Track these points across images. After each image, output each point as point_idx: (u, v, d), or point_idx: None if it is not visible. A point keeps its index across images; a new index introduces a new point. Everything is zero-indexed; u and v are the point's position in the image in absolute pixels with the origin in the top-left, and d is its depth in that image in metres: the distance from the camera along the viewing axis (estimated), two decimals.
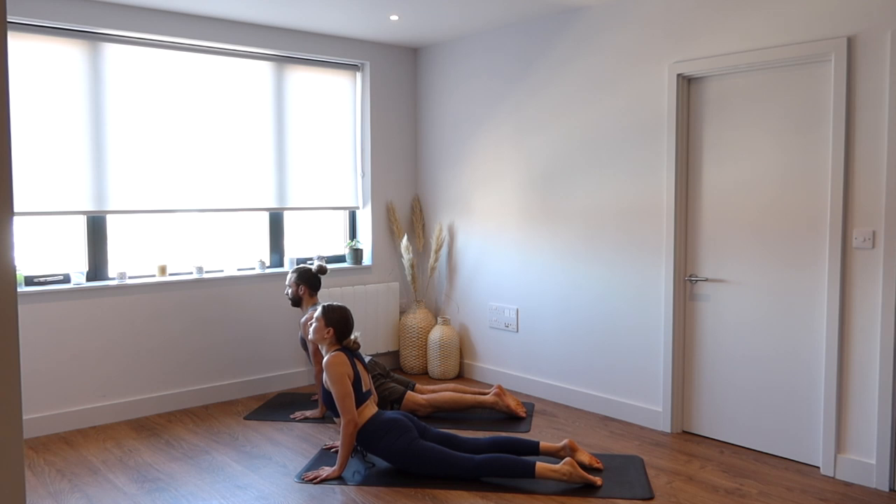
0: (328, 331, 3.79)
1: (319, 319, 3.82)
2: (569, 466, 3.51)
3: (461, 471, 3.56)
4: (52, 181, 4.39)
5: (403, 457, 3.61)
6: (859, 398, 3.58)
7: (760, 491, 3.51)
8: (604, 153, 4.62)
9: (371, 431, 3.67)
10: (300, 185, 5.45)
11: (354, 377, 3.72)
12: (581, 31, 4.71)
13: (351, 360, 3.75)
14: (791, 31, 3.74)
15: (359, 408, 3.70)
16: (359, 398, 3.71)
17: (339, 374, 3.66)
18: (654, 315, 4.42)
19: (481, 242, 5.51)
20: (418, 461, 3.60)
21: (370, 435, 3.67)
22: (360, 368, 3.80)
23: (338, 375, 3.66)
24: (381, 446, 3.65)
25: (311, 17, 4.87)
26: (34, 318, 4.30)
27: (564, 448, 3.73)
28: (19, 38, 4.25)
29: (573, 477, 3.50)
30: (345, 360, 3.72)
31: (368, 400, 3.77)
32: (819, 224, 3.72)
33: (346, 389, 3.65)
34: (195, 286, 4.91)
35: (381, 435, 3.65)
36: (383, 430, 3.65)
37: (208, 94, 4.97)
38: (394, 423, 3.67)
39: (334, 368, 3.68)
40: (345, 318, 3.83)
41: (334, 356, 3.72)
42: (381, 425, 3.67)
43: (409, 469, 3.64)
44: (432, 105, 5.86)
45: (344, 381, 3.66)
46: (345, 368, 3.69)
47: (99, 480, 3.66)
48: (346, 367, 3.70)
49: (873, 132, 3.48)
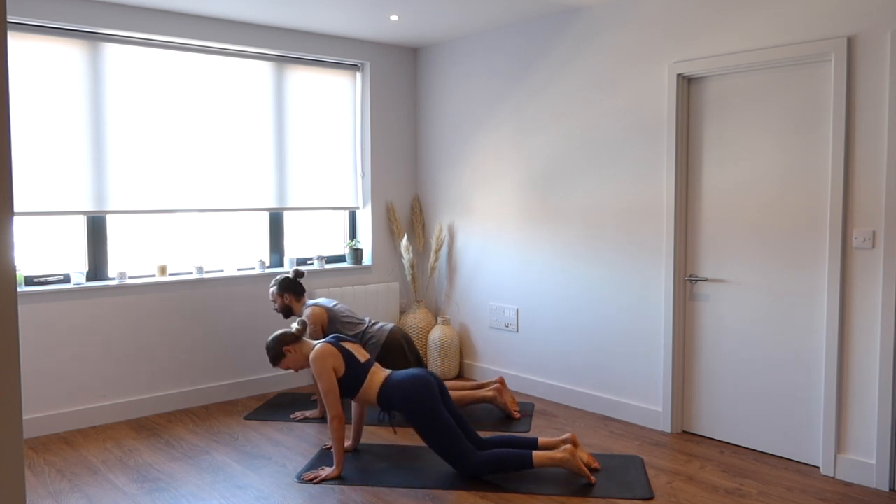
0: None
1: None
2: (567, 453, 3.53)
3: (465, 462, 3.55)
4: (52, 181, 4.39)
5: (422, 419, 3.56)
6: (859, 398, 3.58)
7: (760, 491, 3.51)
8: (604, 153, 4.62)
9: (391, 392, 3.65)
10: (300, 185, 5.45)
11: (346, 362, 3.71)
12: (581, 31, 4.71)
13: (338, 347, 3.75)
14: (791, 31, 3.74)
15: (363, 385, 3.68)
16: (359, 375, 3.69)
17: (322, 368, 3.66)
18: (654, 315, 4.42)
19: (481, 242, 5.51)
20: (433, 432, 3.56)
21: (391, 394, 3.65)
22: (349, 347, 3.80)
23: (321, 369, 3.66)
24: (404, 404, 3.60)
25: (311, 17, 4.87)
26: (34, 318, 4.30)
27: (565, 441, 3.73)
28: (19, 38, 4.25)
29: (570, 464, 3.51)
30: (330, 352, 3.71)
31: (371, 368, 3.76)
32: (819, 224, 3.72)
33: (330, 385, 3.65)
34: (195, 286, 4.91)
35: (404, 392, 3.61)
36: (406, 387, 3.62)
37: (208, 94, 4.97)
38: (416, 380, 3.64)
39: (319, 363, 3.68)
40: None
41: (319, 349, 3.72)
42: (403, 382, 3.65)
43: (420, 432, 3.59)
44: (432, 105, 5.86)
45: (328, 376, 3.65)
46: (329, 361, 3.68)
47: (99, 480, 3.66)
48: (330, 359, 3.69)
49: (873, 132, 3.48)
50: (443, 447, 3.57)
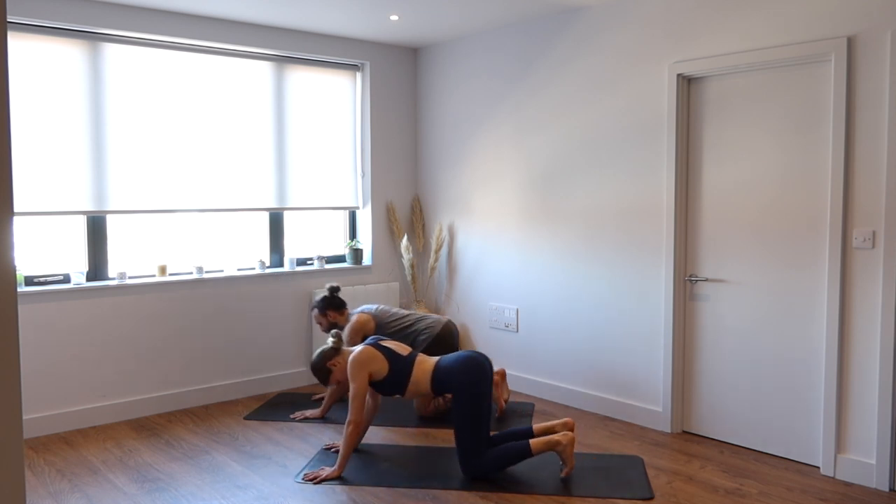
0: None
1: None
2: (564, 438, 3.56)
3: (475, 461, 3.55)
4: (52, 181, 4.39)
5: (468, 401, 3.54)
6: (859, 398, 3.58)
7: (760, 491, 3.51)
8: (604, 153, 4.62)
9: (444, 374, 3.63)
10: (300, 185, 5.45)
11: (389, 361, 3.68)
12: (581, 31, 4.71)
13: (378, 348, 3.72)
14: (791, 31, 3.74)
15: (410, 377, 3.66)
16: (404, 369, 3.67)
17: (356, 371, 3.66)
18: (654, 315, 4.42)
19: (481, 242, 5.51)
20: (468, 417, 3.54)
21: (444, 376, 3.63)
22: (389, 345, 3.77)
23: (355, 372, 3.66)
24: (457, 382, 3.57)
25: (311, 17, 4.87)
26: (34, 318, 4.30)
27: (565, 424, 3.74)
28: (19, 38, 4.25)
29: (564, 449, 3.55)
30: (369, 356, 3.68)
31: (416, 359, 3.73)
32: (819, 224, 3.72)
33: (360, 389, 3.63)
34: (195, 286, 4.91)
35: (459, 371, 3.59)
36: (461, 368, 3.60)
37: (208, 94, 4.97)
38: (471, 361, 3.62)
39: (354, 365, 3.67)
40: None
41: (358, 352, 3.71)
42: (458, 362, 3.63)
43: (458, 413, 3.56)
44: (432, 105, 5.86)
45: (360, 380, 3.64)
46: (366, 366, 3.65)
47: (99, 480, 3.66)
48: (368, 363, 3.66)
49: (873, 132, 3.48)
50: (466, 437, 3.56)
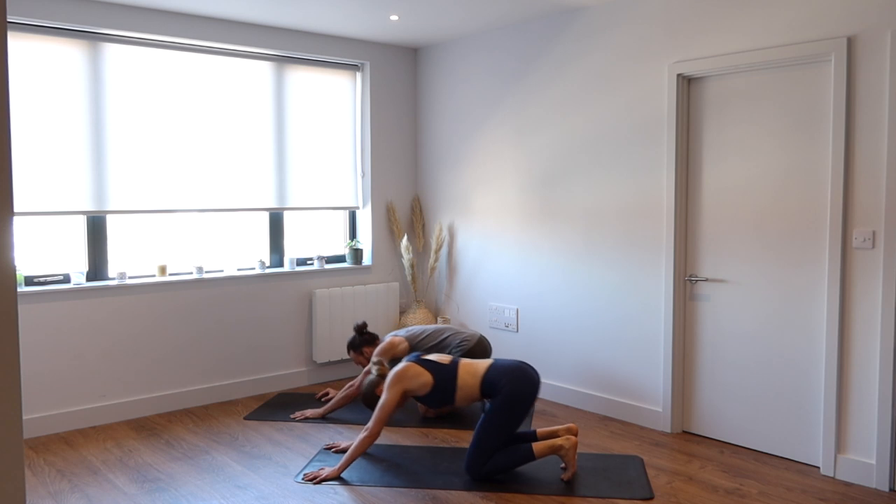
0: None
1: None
2: (567, 441, 3.56)
3: (484, 464, 3.55)
4: (52, 181, 4.39)
5: (508, 408, 3.53)
6: (859, 398, 3.58)
7: (760, 491, 3.51)
8: (604, 153, 4.62)
9: (497, 376, 3.61)
10: (300, 185, 5.45)
11: (433, 372, 3.65)
12: (581, 31, 4.71)
13: (420, 362, 3.70)
14: (791, 31, 3.74)
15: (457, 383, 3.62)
16: (450, 377, 3.64)
17: (391, 385, 3.64)
18: (654, 315, 4.42)
19: (481, 242, 5.51)
20: (500, 423, 3.54)
21: (496, 379, 3.61)
22: (431, 357, 3.75)
23: (392, 384, 3.64)
24: (507, 387, 3.55)
25: (311, 17, 4.87)
26: (34, 318, 4.30)
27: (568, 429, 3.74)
28: (19, 38, 4.25)
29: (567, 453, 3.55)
30: (411, 372, 3.65)
31: (459, 365, 3.70)
32: (819, 224, 3.72)
33: (390, 403, 3.62)
34: (195, 286, 4.91)
35: (512, 377, 3.58)
36: (516, 374, 3.60)
37: (208, 94, 4.97)
38: (526, 372, 3.62)
39: (395, 377, 3.65)
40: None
41: (400, 367, 3.69)
42: (513, 368, 3.62)
43: (492, 415, 3.55)
44: (432, 105, 5.86)
45: (394, 394, 3.62)
46: (403, 383, 3.63)
47: (99, 480, 3.66)
48: (407, 381, 3.64)
49: (873, 132, 3.48)
50: (491, 438, 3.55)
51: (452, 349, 4.57)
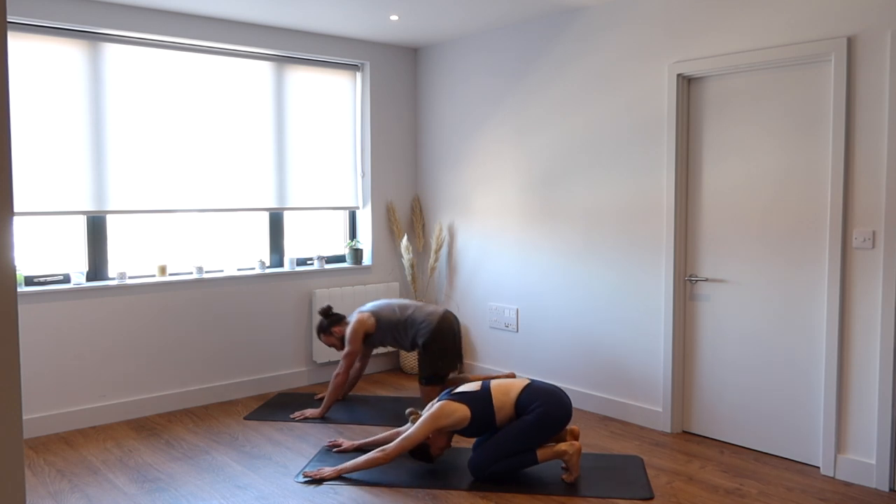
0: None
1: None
2: (570, 447, 3.56)
3: (490, 466, 3.55)
4: (52, 181, 4.39)
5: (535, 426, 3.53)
6: (859, 398, 3.58)
7: (760, 491, 3.51)
8: (604, 153, 4.62)
9: (532, 397, 3.59)
10: (300, 185, 5.45)
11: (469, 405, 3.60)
12: (581, 31, 4.71)
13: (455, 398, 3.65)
14: (791, 31, 3.74)
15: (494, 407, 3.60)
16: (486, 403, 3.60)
17: (425, 424, 3.58)
18: (654, 315, 4.42)
19: (481, 242, 5.51)
20: (520, 437, 3.54)
21: (531, 399, 3.59)
22: (462, 390, 3.70)
23: (424, 424, 3.58)
24: (540, 408, 3.55)
25: (311, 17, 4.87)
26: (34, 318, 4.30)
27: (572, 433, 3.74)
28: (19, 38, 4.25)
29: (570, 458, 3.54)
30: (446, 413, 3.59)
31: (491, 386, 3.67)
32: (819, 224, 3.72)
33: (416, 439, 3.56)
34: (195, 286, 4.91)
35: (547, 401, 3.57)
36: (552, 399, 3.59)
37: (208, 94, 4.97)
38: (562, 401, 3.61)
39: (429, 420, 3.59)
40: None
41: (439, 407, 3.62)
42: (550, 392, 3.62)
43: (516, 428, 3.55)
44: (432, 105, 5.86)
45: (422, 431, 3.56)
46: (440, 422, 3.58)
47: (99, 480, 3.66)
48: (444, 419, 3.58)
49: (873, 132, 3.48)
50: (507, 446, 3.55)
51: (418, 324, 4.57)
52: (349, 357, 4.56)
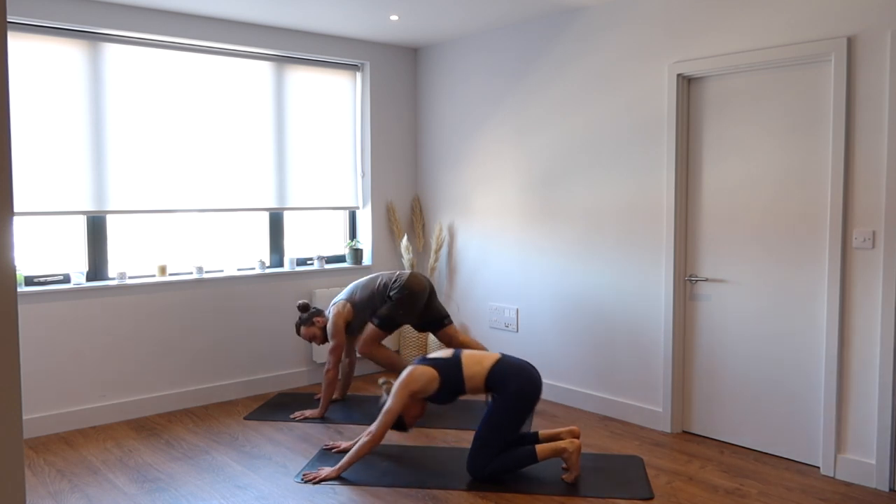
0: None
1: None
2: (571, 444, 3.56)
3: (487, 464, 3.55)
4: (52, 181, 4.39)
5: (511, 407, 3.54)
6: (859, 398, 3.58)
7: (760, 491, 3.51)
8: (604, 153, 4.62)
9: (503, 373, 3.60)
10: (300, 185, 5.45)
11: (439, 370, 3.63)
12: (581, 31, 4.71)
13: (427, 363, 3.68)
14: (791, 31, 3.74)
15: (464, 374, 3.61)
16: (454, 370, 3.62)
17: (398, 391, 3.62)
18: (654, 315, 4.42)
19: (481, 242, 5.51)
20: (502, 423, 3.55)
21: (502, 375, 3.60)
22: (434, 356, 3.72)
23: (397, 392, 3.62)
24: (512, 386, 3.56)
25: (311, 17, 4.87)
26: (34, 318, 4.30)
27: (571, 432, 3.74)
28: (19, 38, 4.25)
29: (570, 456, 3.55)
30: (415, 377, 3.63)
31: (462, 355, 3.69)
32: (819, 224, 3.72)
33: (396, 409, 3.60)
34: (195, 286, 4.91)
35: (518, 376, 3.59)
36: (523, 374, 3.60)
37: (208, 94, 4.97)
38: (532, 375, 3.62)
39: (399, 385, 3.63)
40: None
41: (408, 371, 3.67)
42: (520, 367, 3.63)
43: (494, 414, 3.56)
44: (432, 105, 5.86)
45: (399, 399, 3.60)
46: (409, 387, 3.61)
47: (99, 480, 3.66)
48: (412, 384, 3.61)
49: (873, 132, 3.48)
50: (495, 437, 3.56)
51: (392, 285, 4.60)
52: (336, 351, 4.59)
